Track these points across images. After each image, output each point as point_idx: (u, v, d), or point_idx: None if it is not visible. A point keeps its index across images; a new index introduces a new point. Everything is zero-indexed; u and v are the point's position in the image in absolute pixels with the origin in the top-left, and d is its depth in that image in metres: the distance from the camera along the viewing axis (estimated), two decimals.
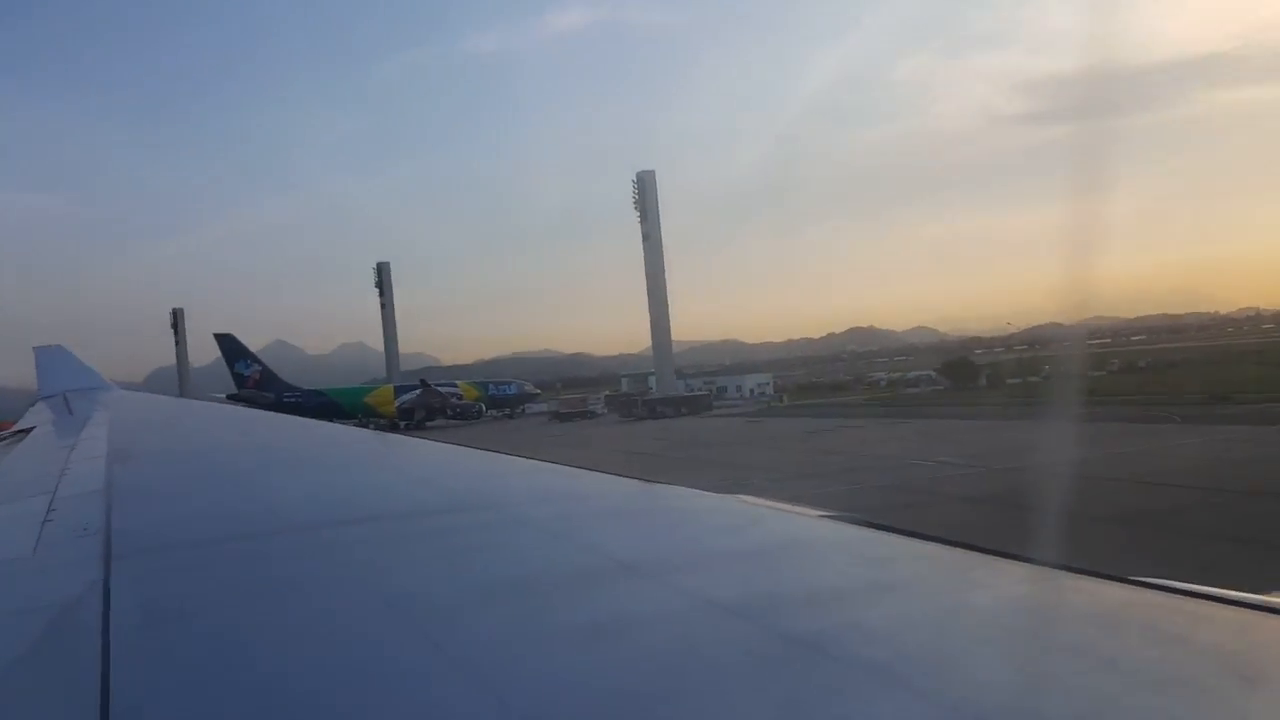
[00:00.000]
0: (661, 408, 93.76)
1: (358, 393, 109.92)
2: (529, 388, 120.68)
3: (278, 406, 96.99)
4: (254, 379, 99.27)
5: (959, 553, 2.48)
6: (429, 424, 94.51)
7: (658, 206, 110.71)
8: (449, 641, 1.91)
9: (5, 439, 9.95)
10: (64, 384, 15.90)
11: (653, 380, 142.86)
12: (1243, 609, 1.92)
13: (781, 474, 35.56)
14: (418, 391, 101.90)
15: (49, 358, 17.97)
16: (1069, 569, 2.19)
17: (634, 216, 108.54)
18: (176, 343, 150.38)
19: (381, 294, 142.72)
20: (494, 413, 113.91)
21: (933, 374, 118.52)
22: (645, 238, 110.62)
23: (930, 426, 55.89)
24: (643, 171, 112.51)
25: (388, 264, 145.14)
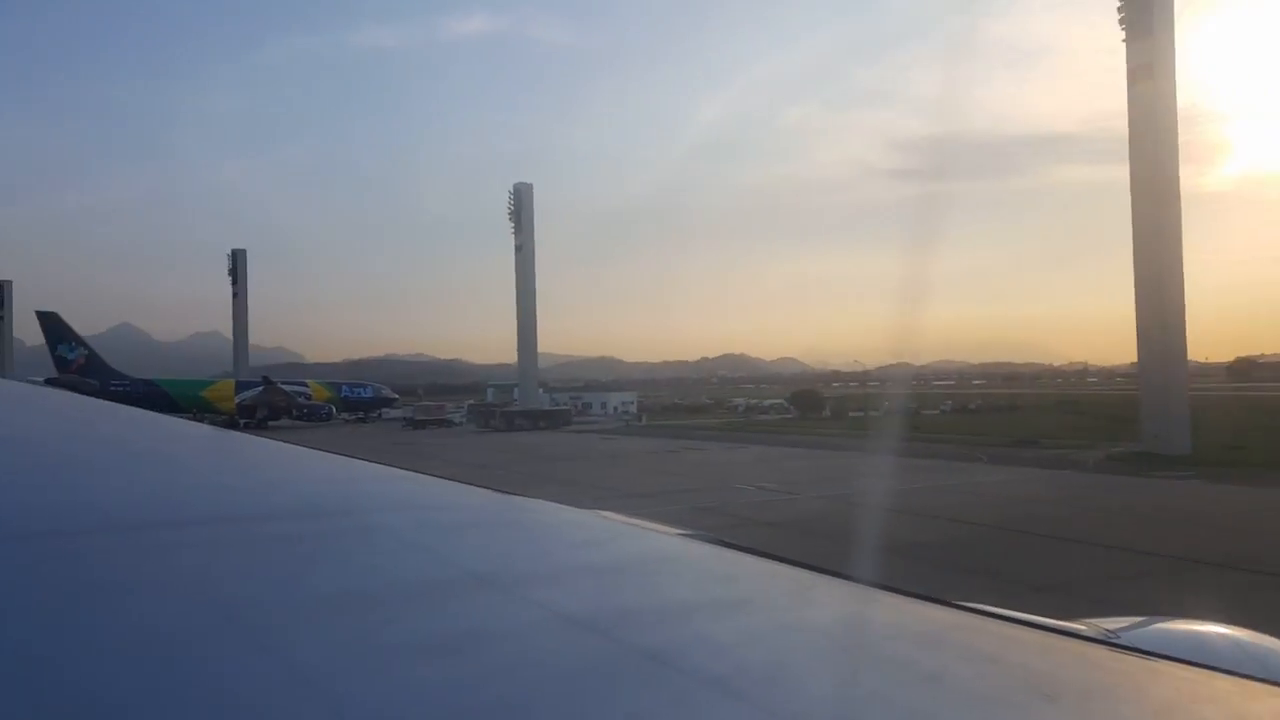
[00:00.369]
0: (519, 420, 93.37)
1: (194, 385, 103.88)
2: (386, 391, 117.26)
3: (103, 394, 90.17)
4: (79, 363, 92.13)
5: (802, 573, 2.55)
6: (272, 423, 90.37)
7: (533, 219, 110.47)
8: (288, 652, 1.80)
9: None
10: None
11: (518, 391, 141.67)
12: (1045, 632, 2.12)
13: (615, 491, 36.19)
14: (260, 389, 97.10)
15: None
16: (898, 591, 2.29)
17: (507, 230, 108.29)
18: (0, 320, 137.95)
19: (234, 282, 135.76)
20: (346, 416, 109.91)
21: (783, 402, 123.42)
22: (518, 249, 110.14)
23: (764, 452, 58.38)
24: (520, 183, 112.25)
25: (244, 251, 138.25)
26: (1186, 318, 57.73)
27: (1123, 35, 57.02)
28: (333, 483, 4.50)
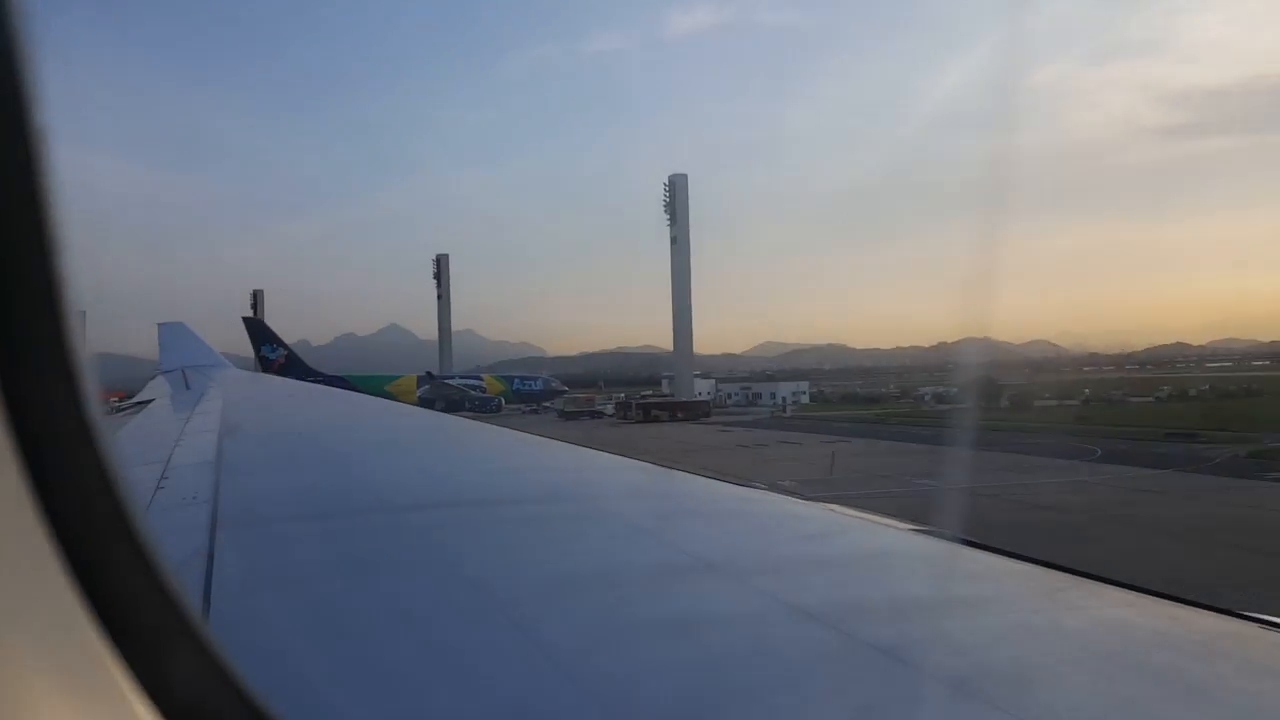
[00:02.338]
0: (656, 411, 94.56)
1: (380, 380, 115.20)
2: (555, 384, 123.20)
3: None
4: (279, 362, 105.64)
5: (1053, 573, 2.48)
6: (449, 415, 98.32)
7: (688, 211, 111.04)
8: (531, 627, 1.96)
9: (126, 409, 10.58)
10: (183, 360, 16.40)
11: (702, 384, 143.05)
12: None
13: None
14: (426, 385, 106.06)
15: (171, 334, 18.72)
16: (1163, 595, 2.19)
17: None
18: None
19: (439, 285, 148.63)
20: (521, 407, 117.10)
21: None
22: (673, 240, 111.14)
23: (865, 447, 56.03)
24: (675, 175, 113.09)
25: (446, 256, 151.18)
26: None
27: None
28: (569, 470, 5.08)
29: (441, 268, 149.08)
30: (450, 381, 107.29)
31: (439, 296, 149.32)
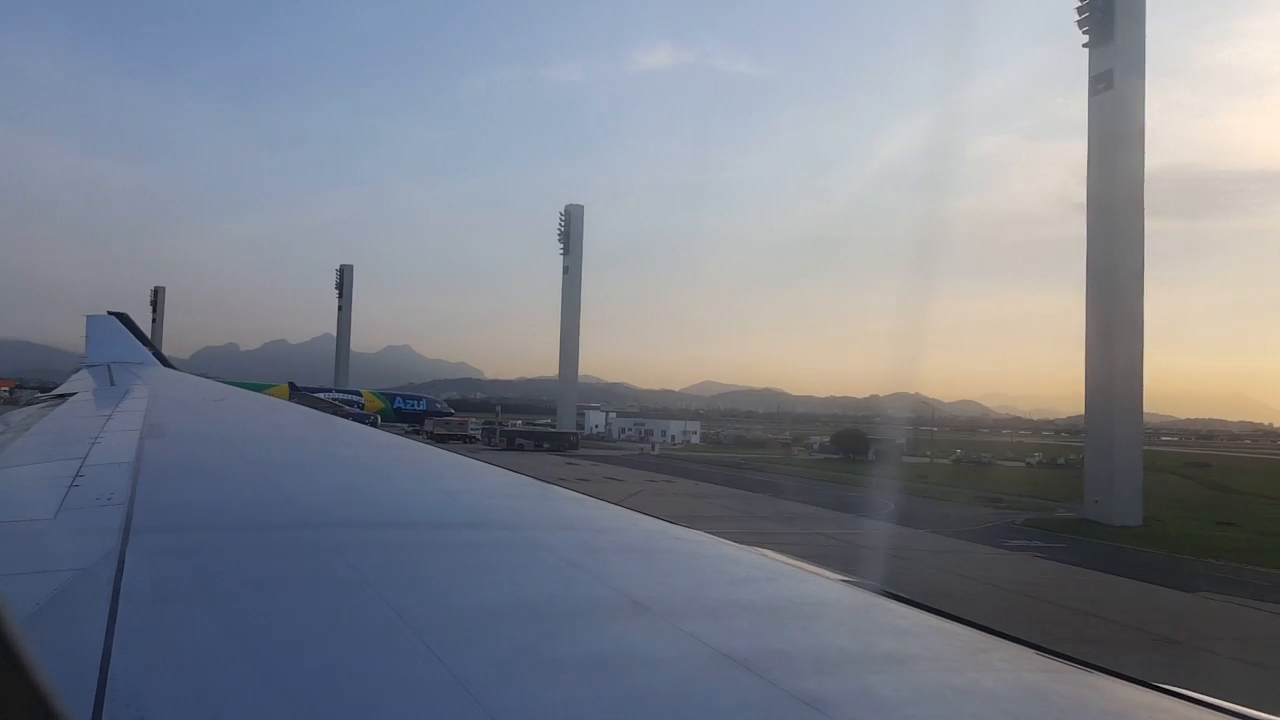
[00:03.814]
0: (520, 439, 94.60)
1: (255, 389, 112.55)
2: (440, 405, 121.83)
3: None
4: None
5: (976, 633, 2.49)
6: None
7: (582, 241, 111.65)
8: (448, 657, 1.91)
9: (44, 401, 10.11)
10: (111, 355, 15.81)
11: (596, 416, 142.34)
12: None
13: None
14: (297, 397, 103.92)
15: (99, 328, 17.78)
16: (1083, 663, 2.20)
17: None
18: (153, 321, 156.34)
19: (340, 296, 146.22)
20: (404, 426, 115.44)
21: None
22: (565, 270, 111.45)
23: (702, 489, 56.54)
24: (570, 205, 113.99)
25: (350, 267, 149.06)
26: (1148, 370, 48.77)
27: None
28: (505, 497, 4.94)
29: (344, 278, 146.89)
30: (319, 395, 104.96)
31: (339, 308, 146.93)
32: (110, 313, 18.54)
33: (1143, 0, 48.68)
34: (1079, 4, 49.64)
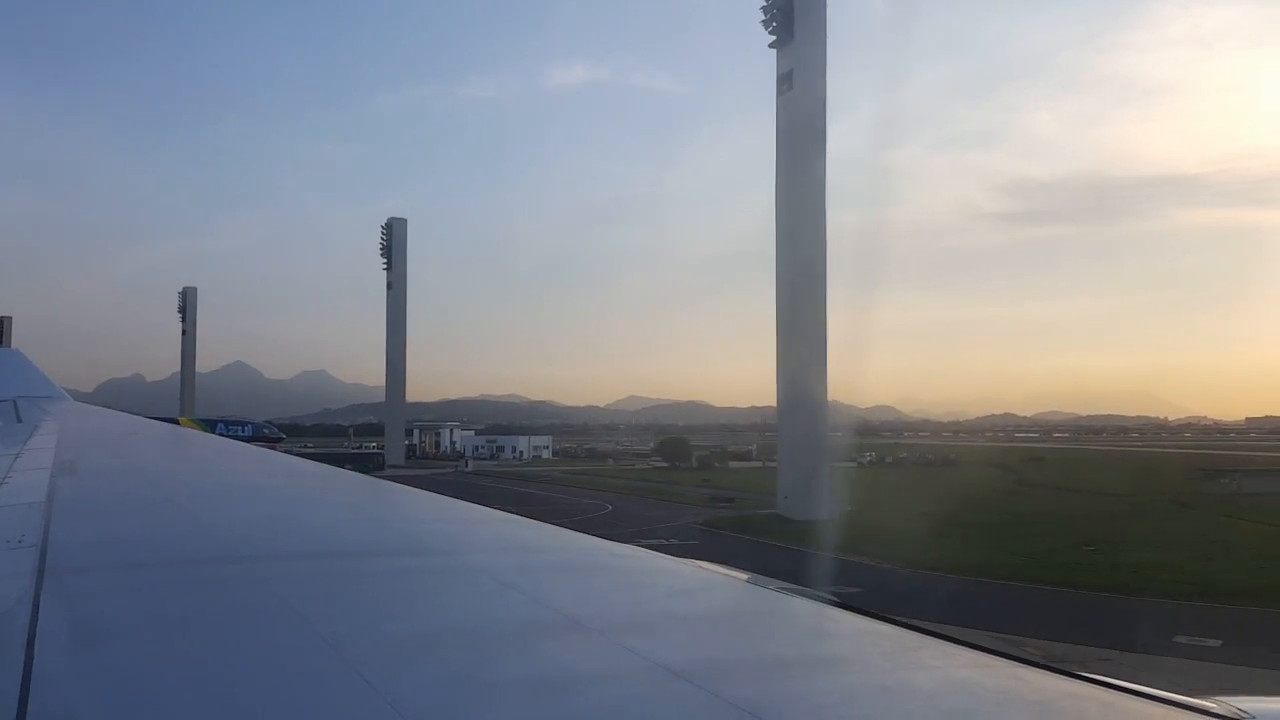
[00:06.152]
0: (321, 462, 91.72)
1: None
2: (268, 430, 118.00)
3: None
4: None
5: (906, 633, 2.51)
6: None
7: (405, 254, 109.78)
8: (385, 687, 1.86)
9: None
10: (15, 389, 14.86)
11: (455, 432, 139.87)
12: (1174, 708, 2.02)
13: None
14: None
15: (2, 361, 16.97)
16: (1011, 657, 2.23)
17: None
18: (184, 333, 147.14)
19: (184, 320, 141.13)
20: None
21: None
22: (389, 286, 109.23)
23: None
24: (393, 218, 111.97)
25: (194, 289, 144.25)
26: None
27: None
28: (434, 521, 4.87)
29: (188, 301, 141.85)
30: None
31: (184, 332, 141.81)
32: None
33: (823, 1, 49.60)
34: (764, 3, 50.41)
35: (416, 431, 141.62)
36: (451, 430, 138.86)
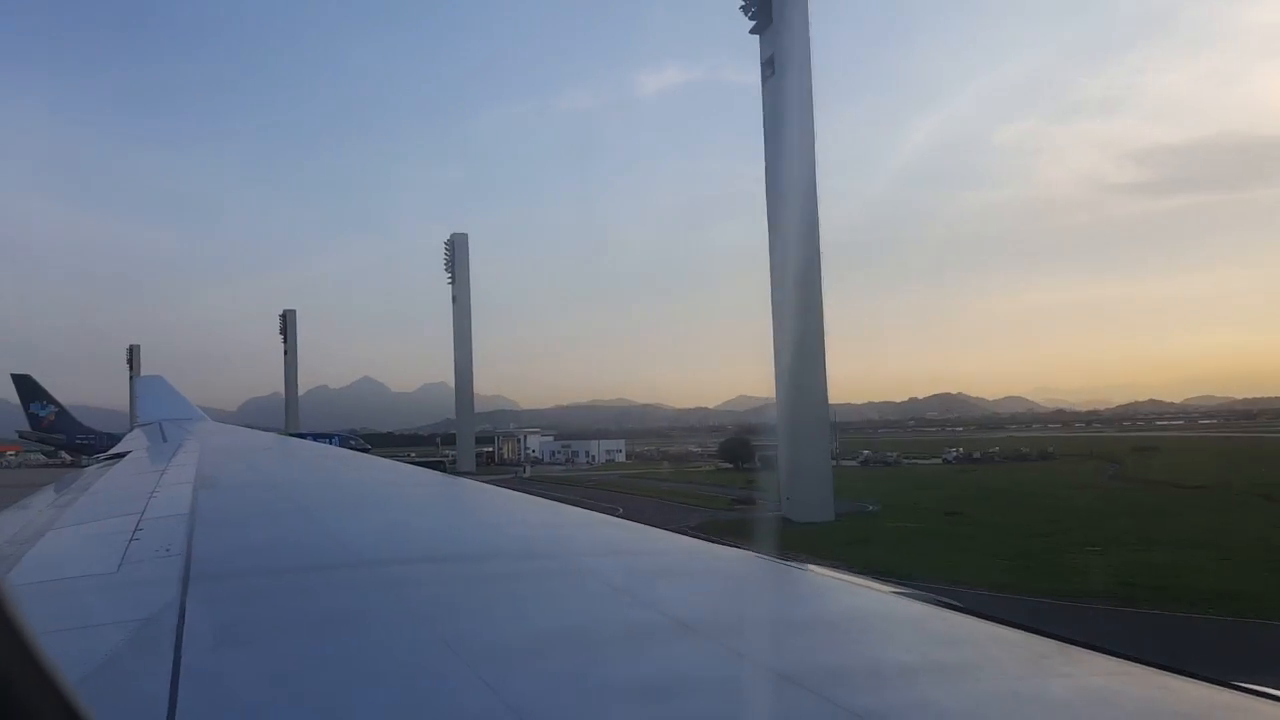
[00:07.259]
0: None
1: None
2: (356, 441, 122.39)
3: (69, 447, 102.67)
4: (49, 420, 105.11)
5: (1038, 639, 2.45)
6: None
7: (468, 270, 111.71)
8: (502, 687, 1.94)
9: (103, 461, 10.85)
10: (160, 413, 16.42)
11: (532, 439, 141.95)
12: None
13: None
14: None
15: (147, 387, 19.49)
16: (1157, 665, 2.14)
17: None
18: (285, 353, 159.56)
19: (285, 340, 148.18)
20: None
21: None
22: (454, 300, 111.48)
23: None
24: (456, 234, 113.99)
25: (294, 312, 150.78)
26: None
27: None
28: (547, 526, 5.03)
29: (288, 324, 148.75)
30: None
31: (285, 353, 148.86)
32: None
33: None
34: None
35: (497, 439, 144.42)
36: (525, 436, 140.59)
